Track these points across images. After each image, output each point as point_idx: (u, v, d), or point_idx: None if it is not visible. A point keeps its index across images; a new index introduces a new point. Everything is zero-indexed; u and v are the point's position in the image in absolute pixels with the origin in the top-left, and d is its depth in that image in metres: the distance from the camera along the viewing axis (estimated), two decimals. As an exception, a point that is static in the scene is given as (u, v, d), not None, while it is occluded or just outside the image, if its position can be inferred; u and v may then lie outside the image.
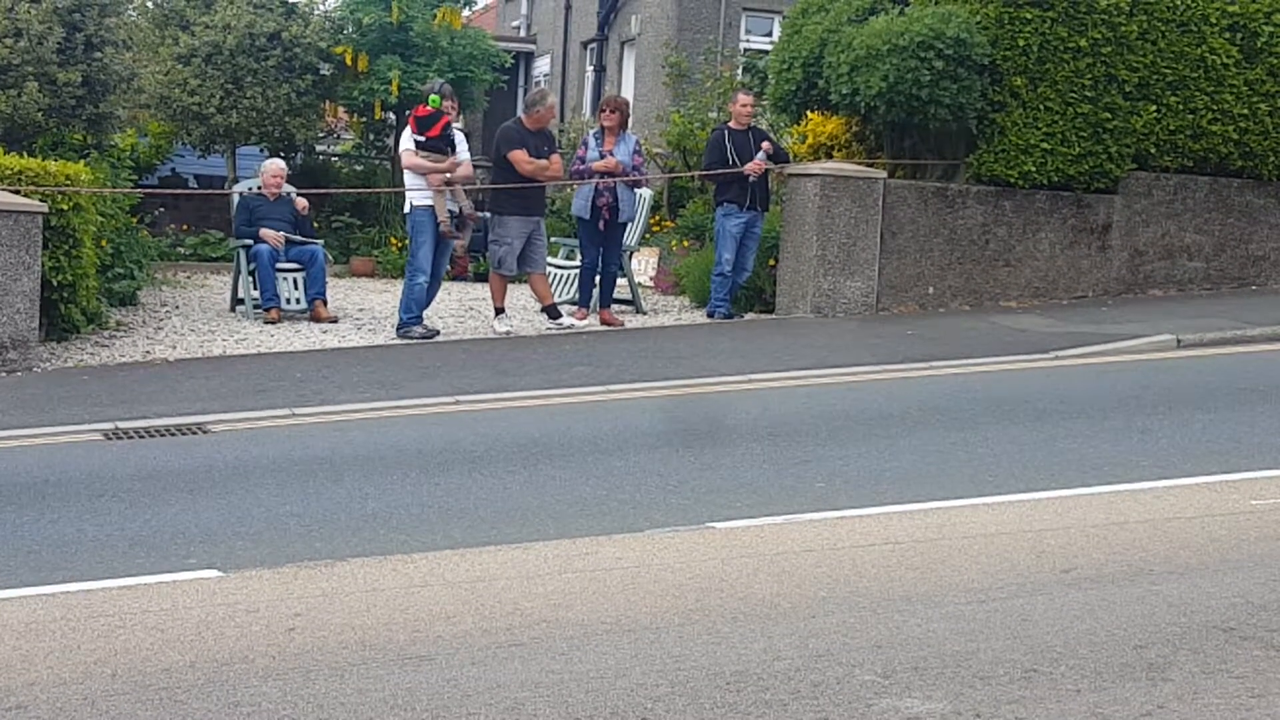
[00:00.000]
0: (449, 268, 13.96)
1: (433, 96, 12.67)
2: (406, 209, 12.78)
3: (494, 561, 6.28)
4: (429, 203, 12.55)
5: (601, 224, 13.26)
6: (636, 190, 13.83)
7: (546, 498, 7.47)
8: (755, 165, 13.26)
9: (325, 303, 13.81)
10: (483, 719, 4.49)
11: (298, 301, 13.91)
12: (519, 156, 12.68)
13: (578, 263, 13.90)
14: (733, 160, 13.33)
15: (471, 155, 13.56)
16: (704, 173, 13.70)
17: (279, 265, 13.76)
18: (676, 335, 12.96)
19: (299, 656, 5.08)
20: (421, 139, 12.59)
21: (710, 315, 13.61)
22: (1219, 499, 7.16)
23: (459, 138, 13.02)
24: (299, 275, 13.91)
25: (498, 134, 13.31)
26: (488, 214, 13.45)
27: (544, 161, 12.80)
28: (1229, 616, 5.31)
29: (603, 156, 13.23)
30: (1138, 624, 5.25)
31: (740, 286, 13.75)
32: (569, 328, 12.95)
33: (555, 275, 14.30)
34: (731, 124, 13.71)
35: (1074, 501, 7.13)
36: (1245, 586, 5.69)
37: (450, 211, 12.62)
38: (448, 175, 12.64)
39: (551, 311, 13.07)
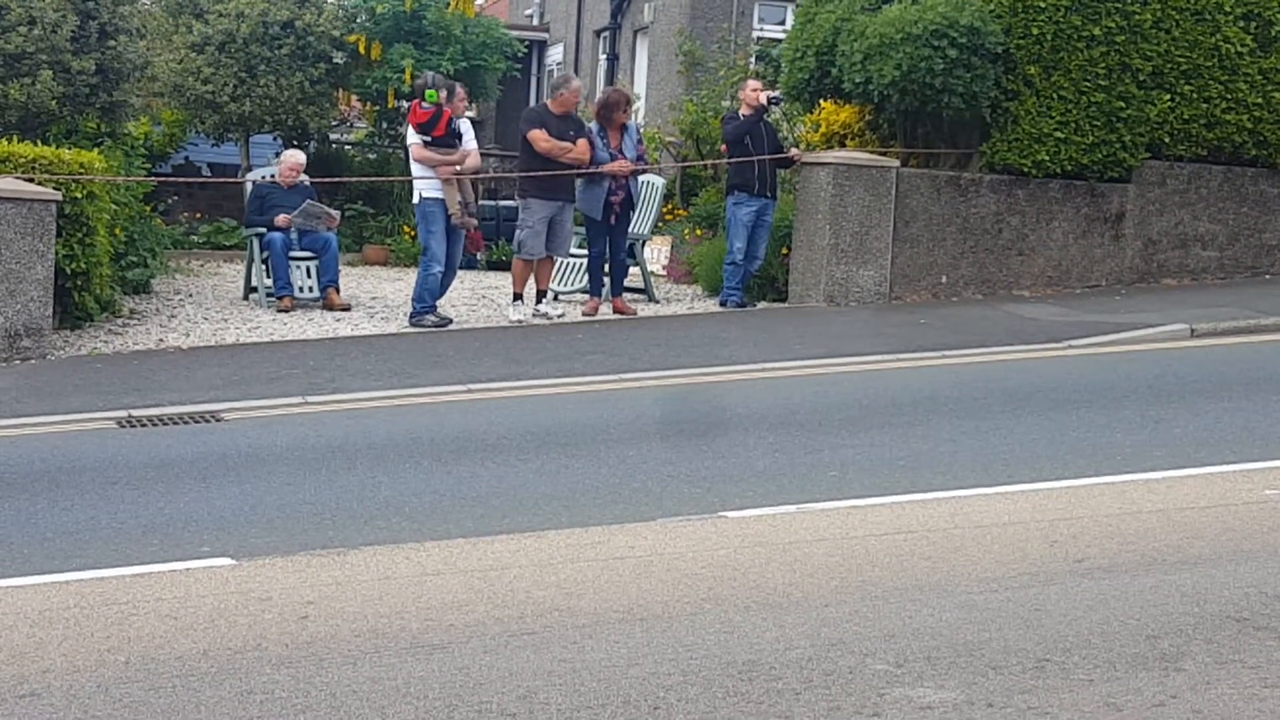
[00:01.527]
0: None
1: (429, 91, 12.66)
2: (416, 199, 12.80)
3: (506, 550, 6.28)
4: (439, 194, 12.57)
5: (614, 219, 13.26)
6: (644, 178, 13.85)
7: (559, 486, 7.47)
8: (799, 155, 13.76)
9: (338, 290, 13.82)
10: (495, 707, 4.49)
11: (311, 290, 13.92)
12: (536, 135, 12.69)
13: (586, 252, 13.88)
14: (746, 141, 13.34)
15: (482, 144, 13.60)
16: (728, 161, 13.66)
17: (292, 253, 13.77)
18: (689, 324, 12.96)
19: (311, 645, 5.09)
20: (429, 139, 12.62)
21: (723, 304, 13.61)
22: (1232, 488, 7.15)
23: (465, 126, 13.02)
24: (312, 263, 13.92)
25: (522, 115, 13.39)
26: (499, 202, 13.49)
27: (566, 143, 12.77)
28: (1242, 606, 5.30)
29: (613, 157, 13.15)
30: (1150, 614, 5.24)
31: (752, 275, 13.74)
32: (543, 315, 12.97)
33: (568, 264, 14.30)
34: (742, 110, 13.69)
35: (1087, 491, 7.12)
36: (1259, 576, 5.68)
37: (460, 202, 12.65)
38: (457, 166, 12.68)
39: (540, 296, 13.10)
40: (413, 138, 12.71)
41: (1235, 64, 14.12)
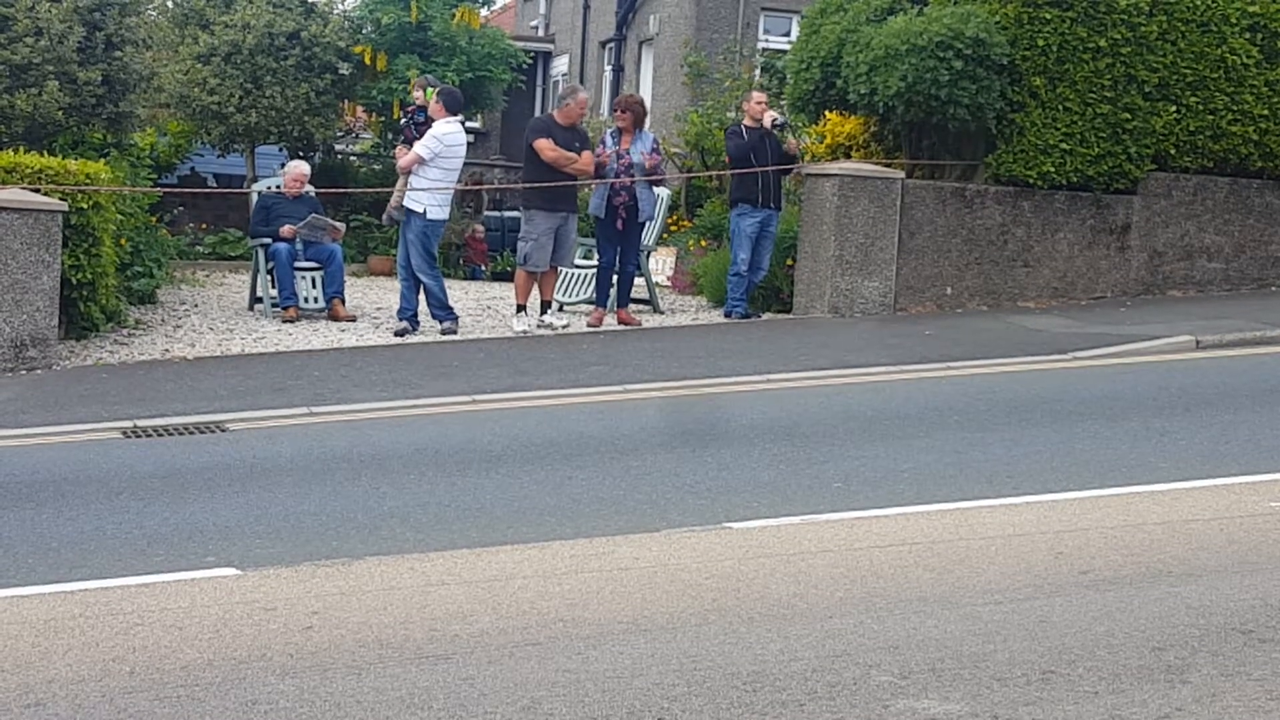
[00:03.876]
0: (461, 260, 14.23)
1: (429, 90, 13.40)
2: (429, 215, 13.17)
3: (511, 560, 6.28)
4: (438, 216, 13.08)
5: (619, 223, 13.25)
6: (656, 190, 13.80)
7: (563, 497, 7.47)
8: (794, 147, 13.63)
9: (343, 301, 13.85)
10: (500, 718, 4.49)
11: (316, 300, 13.94)
12: (543, 144, 12.72)
13: (595, 262, 13.89)
14: (752, 158, 13.35)
15: (486, 155, 13.72)
16: (732, 171, 13.68)
17: (297, 264, 13.79)
18: (693, 335, 12.95)
19: (316, 655, 5.09)
20: None
21: (728, 315, 13.60)
22: (1238, 500, 7.14)
23: (436, 129, 12.94)
24: (317, 274, 13.94)
25: (528, 126, 13.47)
26: (503, 213, 13.58)
27: (570, 153, 12.78)
28: (1248, 619, 5.29)
29: (620, 156, 13.21)
30: (1156, 626, 5.23)
31: (757, 286, 13.74)
32: (547, 325, 12.99)
33: (573, 274, 14.30)
34: (746, 122, 13.71)
35: (1092, 503, 7.11)
36: (1265, 588, 5.67)
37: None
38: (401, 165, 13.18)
39: (544, 307, 13.12)
40: None
41: (1241, 76, 14.12)
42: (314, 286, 13.97)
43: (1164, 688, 4.66)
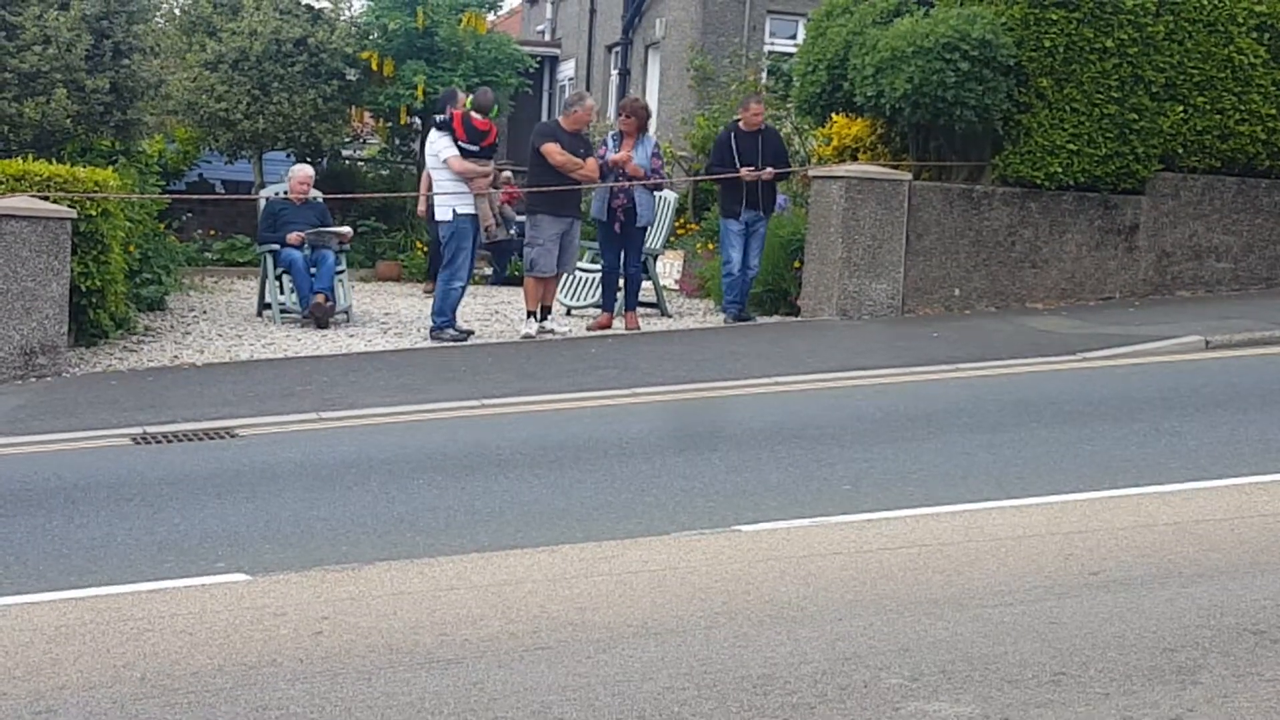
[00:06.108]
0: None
1: (495, 107, 13.12)
2: (447, 216, 12.77)
3: (520, 564, 6.28)
4: (472, 210, 12.71)
5: (617, 226, 13.27)
6: (656, 194, 13.83)
7: (572, 501, 7.47)
8: (755, 175, 13.30)
9: (326, 298, 13.77)
10: (509, 722, 4.49)
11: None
12: (551, 149, 12.74)
13: (600, 266, 13.89)
14: (735, 163, 13.35)
15: (495, 161, 13.76)
16: (707, 177, 13.75)
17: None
18: (701, 338, 12.95)
19: (326, 660, 5.10)
20: (475, 148, 12.73)
21: (724, 315, 13.61)
22: (1248, 501, 7.12)
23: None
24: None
25: (534, 130, 13.49)
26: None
27: (577, 159, 12.82)
28: (1259, 619, 5.28)
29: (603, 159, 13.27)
30: (1167, 627, 5.22)
31: (752, 285, 13.73)
32: (549, 332, 12.97)
33: (582, 278, 14.31)
34: (741, 125, 13.70)
35: (1101, 504, 7.09)
36: (1276, 589, 5.65)
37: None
38: (489, 179, 12.95)
39: (545, 312, 13.10)
40: (450, 150, 12.73)
41: (1249, 75, 14.10)
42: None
43: (1175, 689, 4.65)
